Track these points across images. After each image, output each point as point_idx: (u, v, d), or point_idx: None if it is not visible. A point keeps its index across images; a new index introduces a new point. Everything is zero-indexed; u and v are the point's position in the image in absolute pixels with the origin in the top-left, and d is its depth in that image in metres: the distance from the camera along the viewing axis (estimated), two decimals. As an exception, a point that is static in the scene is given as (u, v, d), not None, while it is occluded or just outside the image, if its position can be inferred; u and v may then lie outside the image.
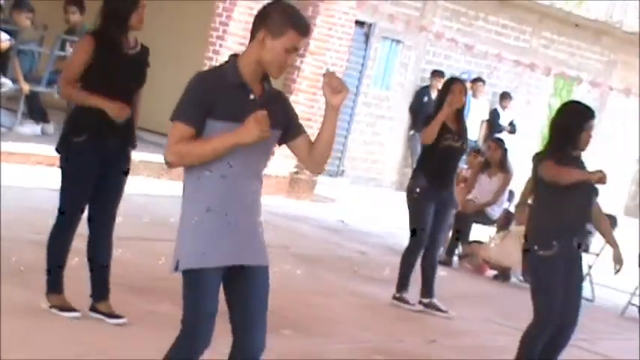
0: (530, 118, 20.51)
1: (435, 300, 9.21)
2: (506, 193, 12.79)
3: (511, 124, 19.16)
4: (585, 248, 12.12)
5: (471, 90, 18.68)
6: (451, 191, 9.22)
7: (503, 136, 15.96)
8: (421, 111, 17.13)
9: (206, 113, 4.38)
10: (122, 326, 6.61)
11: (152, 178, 12.52)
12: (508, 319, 9.27)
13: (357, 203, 15.86)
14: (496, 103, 19.50)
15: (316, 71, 14.64)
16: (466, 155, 12.76)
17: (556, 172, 6.71)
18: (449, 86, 9.30)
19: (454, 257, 12.25)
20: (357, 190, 17.31)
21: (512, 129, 19.08)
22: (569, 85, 21.60)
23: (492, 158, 12.73)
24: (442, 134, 9.04)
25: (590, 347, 9.36)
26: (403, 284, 9.22)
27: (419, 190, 9.05)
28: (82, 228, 6.67)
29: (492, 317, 9.60)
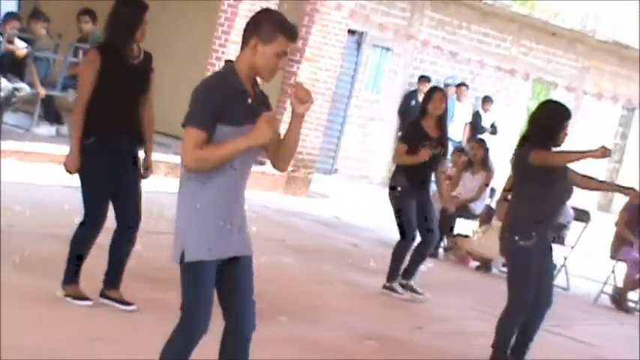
0: (510, 120, 20.49)
1: (412, 282, 9.21)
2: (488, 190, 12.77)
3: (492, 126, 19.15)
4: (561, 241, 12.15)
5: (455, 94, 18.69)
6: (428, 191, 9.19)
7: (485, 137, 15.91)
8: (409, 113, 17.09)
9: (217, 118, 4.36)
10: (131, 313, 6.60)
11: (159, 176, 12.48)
12: (489, 307, 9.24)
13: (350, 199, 15.83)
14: (478, 106, 19.48)
15: (311, 76, 14.64)
16: (451, 155, 12.77)
17: (551, 157, 6.75)
18: (430, 95, 9.31)
19: (440, 249, 12.24)
20: (350, 187, 17.28)
21: (493, 130, 19.06)
22: (546, 90, 21.60)
23: (475, 157, 12.71)
24: (421, 141, 9.02)
25: (564, 332, 9.39)
26: (393, 275, 9.22)
27: (400, 189, 9.04)
28: (108, 222, 6.62)
29: (474, 305, 9.59)
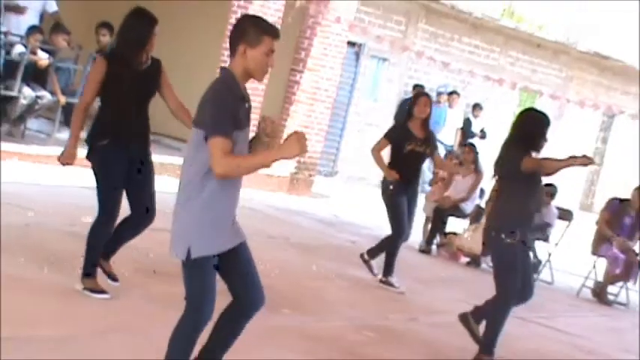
0: (498, 126, 20.46)
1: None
2: (477, 191, 12.75)
3: (482, 131, 19.12)
4: (546, 238, 12.12)
5: (448, 101, 18.67)
6: (416, 188, 9.20)
7: (475, 142, 15.88)
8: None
9: (235, 124, 4.34)
10: (143, 305, 6.57)
11: (168, 177, 12.46)
12: (479, 300, 9.19)
13: (349, 199, 15.80)
14: (469, 113, 19.45)
15: (313, 85, 14.61)
16: (444, 158, 12.74)
17: (542, 164, 6.85)
18: (416, 100, 9.32)
19: (433, 246, 12.22)
20: (349, 188, 17.26)
21: (482, 135, 19.03)
22: (531, 98, 21.55)
23: (466, 160, 12.69)
24: (406, 140, 9.03)
25: (548, 323, 9.39)
26: (389, 269, 9.20)
27: (392, 187, 9.03)
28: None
29: (465, 298, 9.55)
